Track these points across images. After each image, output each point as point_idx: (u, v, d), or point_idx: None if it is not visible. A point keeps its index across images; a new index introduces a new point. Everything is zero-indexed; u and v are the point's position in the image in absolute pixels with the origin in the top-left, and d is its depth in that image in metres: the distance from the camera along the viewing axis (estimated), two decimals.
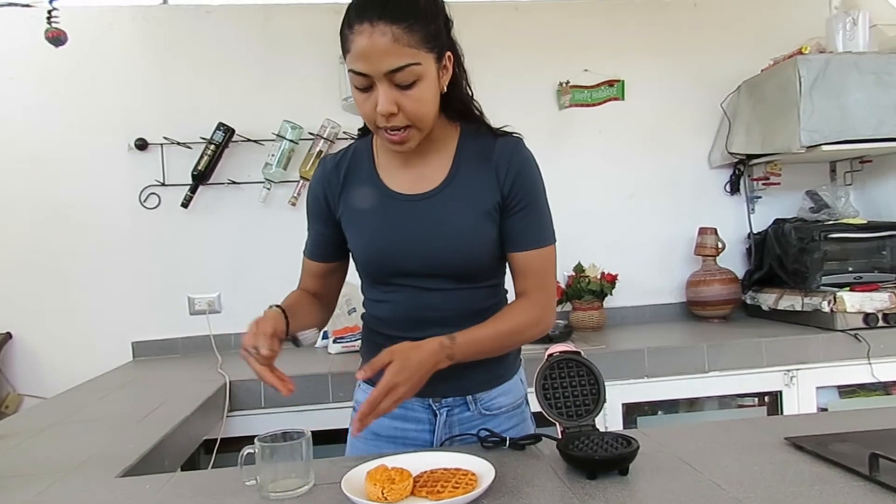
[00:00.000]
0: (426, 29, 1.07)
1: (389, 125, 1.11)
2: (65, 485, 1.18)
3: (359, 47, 1.05)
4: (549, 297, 1.26)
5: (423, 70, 1.08)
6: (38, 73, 2.66)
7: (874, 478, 0.94)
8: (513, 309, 1.23)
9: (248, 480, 1.04)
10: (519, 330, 1.22)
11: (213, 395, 1.97)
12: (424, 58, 1.08)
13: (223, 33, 2.79)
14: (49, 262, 2.68)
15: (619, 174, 2.96)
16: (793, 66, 2.46)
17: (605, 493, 0.96)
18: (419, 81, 1.09)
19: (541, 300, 1.24)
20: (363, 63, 1.06)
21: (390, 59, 1.05)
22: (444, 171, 1.23)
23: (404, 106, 1.09)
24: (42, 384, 2.63)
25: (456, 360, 1.14)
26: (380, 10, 1.04)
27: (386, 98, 1.07)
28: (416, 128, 1.13)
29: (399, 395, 1.05)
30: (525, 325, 1.22)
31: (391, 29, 1.04)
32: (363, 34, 1.04)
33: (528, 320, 1.22)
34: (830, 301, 2.40)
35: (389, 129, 1.12)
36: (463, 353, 1.15)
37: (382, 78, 1.07)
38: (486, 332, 1.18)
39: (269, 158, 2.71)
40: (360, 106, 1.13)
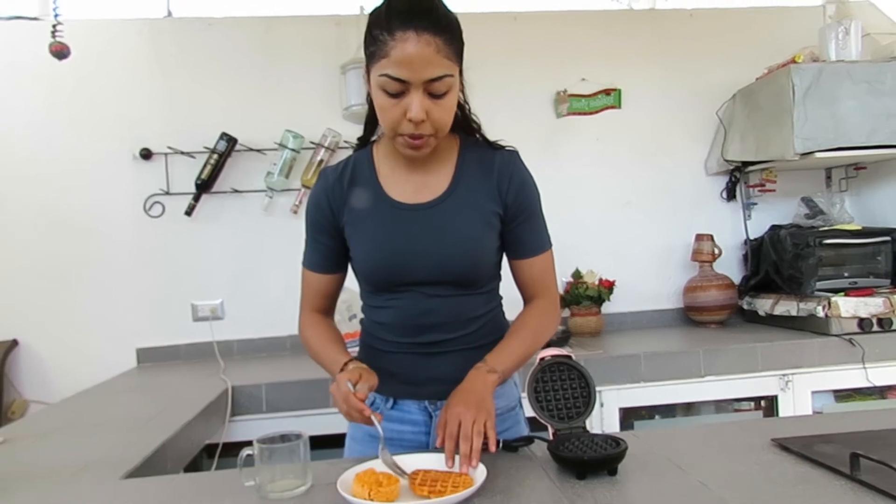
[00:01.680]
0: (458, 43, 1.14)
1: (416, 132, 1.14)
2: (69, 487, 1.22)
3: (402, 54, 1.07)
4: (555, 296, 1.36)
5: (454, 81, 1.14)
6: (44, 84, 2.71)
7: (855, 477, 0.96)
8: (530, 316, 1.32)
9: (247, 481, 1.07)
10: (540, 332, 1.30)
11: (215, 399, 2.00)
12: (455, 70, 1.14)
13: (226, 45, 2.83)
14: (55, 269, 2.72)
15: (616, 181, 2.99)
16: (786, 75, 2.49)
17: (593, 492, 0.99)
18: (449, 92, 1.14)
19: (550, 300, 1.33)
20: (405, 70, 1.08)
21: (432, 68, 1.09)
22: (447, 181, 1.27)
23: (433, 114, 1.13)
24: (47, 390, 2.67)
25: (499, 374, 1.20)
26: (426, 20, 1.08)
27: (419, 105, 1.11)
28: (436, 136, 1.18)
29: (470, 419, 1.08)
30: (544, 326, 1.31)
31: (435, 40, 1.08)
32: (408, 41, 1.07)
33: (545, 321, 1.32)
34: (825, 306, 2.42)
35: (413, 136, 1.15)
36: (505, 374, 1.22)
37: (420, 85, 1.10)
38: (517, 346, 1.26)
39: (271, 167, 2.75)
40: (385, 111, 1.14)
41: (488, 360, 1.21)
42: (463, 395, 1.14)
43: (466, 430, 1.06)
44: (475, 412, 1.09)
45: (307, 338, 1.34)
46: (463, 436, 1.06)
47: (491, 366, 1.20)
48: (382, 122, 1.18)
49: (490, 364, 1.20)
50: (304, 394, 2.16)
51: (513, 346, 1.26)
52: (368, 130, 1.35)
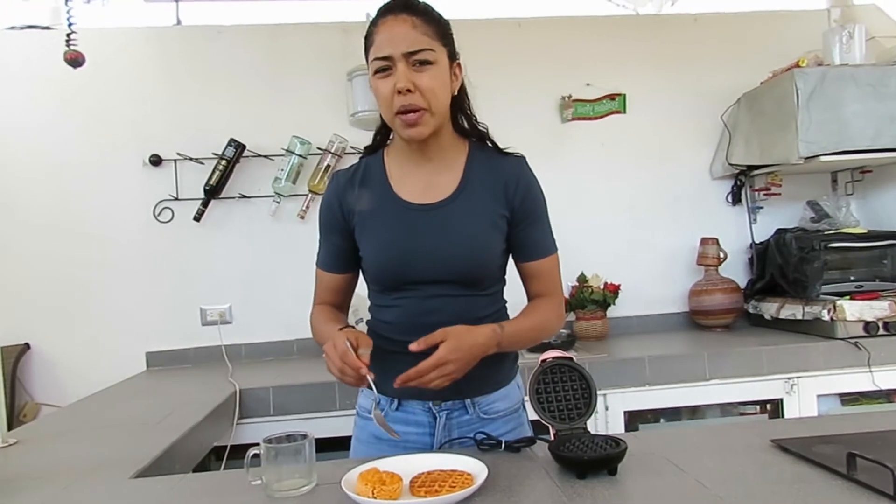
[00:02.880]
0: (438, 25, 1.24)
1: (406, 102, 1.20)
2: (81, 485, 1.24)
3: (382, 35, 1.20)
4: (561, 298, 1.40)
5: (437, 57, 1.22)
6: (57, 91, 2.76)
7: (851, 476, 0.98)
8: (539, 305, 1.36)
9: (253, 480, 1.09)
10: (547, 321, 1.35)
11: (223, 402, 2.03)
12: (438, 48, 1.22)
13: (234, 52, 2.87)
14: (66, 274, 2.76)
15: (621, 186, 3.00)
16: (790, 79, 2.50)
17: (592, 491, 1.00)
18: (433, 66, 1.21)
19: (556, 301, 1.37)
20: (386, 47, 1.19)
21: (409, 41, 1.19)
22: (455, 183, 1.30)
23: (420, 84, 1.20)
24: (59, 393, 2.70)
25: (501, 349, 1.25)
26: (402, 6, 1.22)
27: (404, 75, 1.19)
28: (430, 112, 1.22)
29: (448, 371, 1.14)
30: (551, 318, 1.36)
31: (411, 18, 1.20)
32: (386, 24, 1.21)
33: (552, 315, 1.36)
34: (831, 310, 2.42)
35: (405, 110, 1.20)
36: (509, 342, 1.27)
37: (401, 58, 1.19)
38: (525, 324, 1.31)
39: (279, 173, 2.79)
40: (379, 91, 1.23)
41: (503, 335, 1.24)
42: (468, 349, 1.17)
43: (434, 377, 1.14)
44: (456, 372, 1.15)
45: (313, 321, 1.39)
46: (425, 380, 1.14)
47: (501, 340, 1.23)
48: (380, 106, 1.25)
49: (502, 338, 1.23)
50: (310, 397, 2.18)
51: (524, 324, 1.31)
52: (377, 141, 1.40)
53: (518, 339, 1.30)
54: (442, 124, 1.28)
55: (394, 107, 1.21)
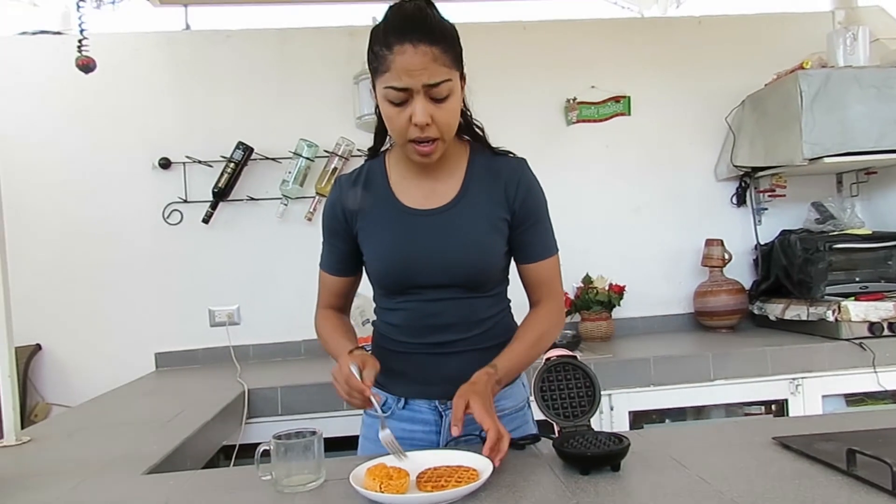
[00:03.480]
0: (455, 50, 1.19)
1: (422, 136, 1.19)
2: (94, 481, 1.27)
3: (401, 64, 1.14)
4: (561, 299, 1.41)
5: (454, 85, 1.19)
6: (68, 95, 2.80)
7: (851, 472, 0.99)
8: (535, 319, 1.35)
9: (263, 475, 1.11)
10: (544, 335, 1.33)
11: (232, 402, 2.05)
12: (454, 75, 1.19)
13: (242, 56, 2.91)
14: (77, 275, 2.80)
15: (626, 187, 3.02)
16: (794, 81, 2.52)
17: (596, 487, 1.02)
18: (451, 96, 1.19)
19: (555, 304, 1.37)
20: (405, 79, 1.14)
21: (430, 74, 1.15)
22: (456, 187, 1.32)
23: (437, 118, 1.18)
24: (69, 394, 2.73)
25: (503, 384, 1.25)
26: (420, 33, 1.14)
27: (422, 110, 1.16)
28: (443, 140, 1.22)
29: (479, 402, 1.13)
30: (548, 329, 1.34)
31: (431, 49, 1.14)
32: (405, 53, 1.13)
33: (549, 324, 1.35)
34: (835, 310, 2.43)
35: (420, 140, 1.20)
36: (507, 375, 1.26)
37: (420, 91, 1.15)
38: (521, 349, 1.30)
39: (286, 175, 2.82)
40: (392, 120, 1.20)
41: (499, 373, 1.24)
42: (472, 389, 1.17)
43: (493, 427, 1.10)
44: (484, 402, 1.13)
45: (319, 329, 1.41)
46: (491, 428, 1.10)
47: (499, 378, 1.23)
48: (391, 131, 1.24)
49: (499, 376, 1.23)
50: (318, 396, 2.20)
51: (517, 350, 1.29)
52: (378, 141, 1.40)
53: (518, 365, 1.29)
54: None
55: (407, 135, 1.20)
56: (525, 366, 1.33)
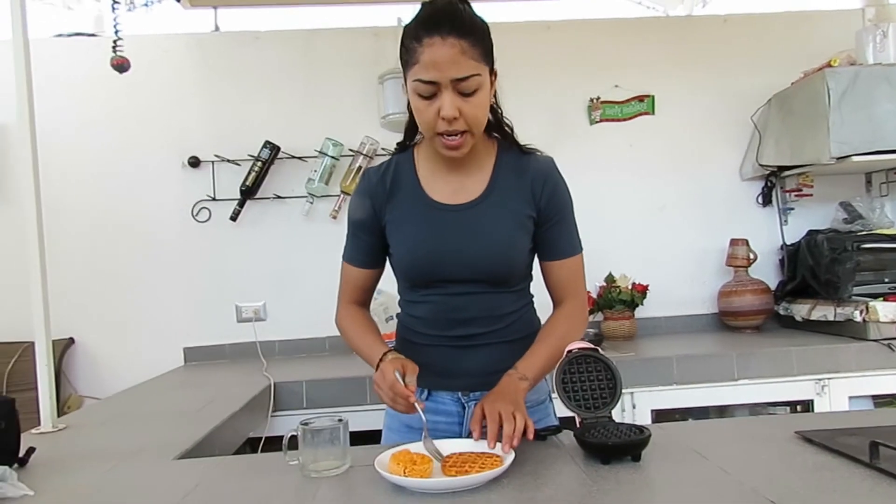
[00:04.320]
0: (484, 44, 1.20)
1: (450, 129, 1.21)
2: (127, 466, 1.31)
3: (429, 57, 1.15)
4: (584, 298, 1.42)
5: (483, 80, 1.20)
6: (101, 96, 2.88)
7: (874, 465, 0.99)
8: (556, 319, 1.37)
9: (291, 461, 1.14)
10: (566, 335, 1.33)
11: (258, 394, 2.10)
12: (483, 70, 1.20)
13: (269, 57, 2.96)
14: (109, 271, 2.88)
15: (650, 187, 3.01)
16: (821, 79, 2.49)
17: (616, 476, 1.03)
18: (479, 90, 1.20)
19: (578, 304, 1.39)
20: (433, 72, 1.16)
21: (458, 68, 1.16)
22: (484, 183, 1.33)
23: (465, 112, 1.20)
24: (101, 386, 2.81)
25: (529, 381, 1.26)
26: (450, 26, 1.15)
27: (451, 103, 1.18)
28: (471, 133, 1.24)
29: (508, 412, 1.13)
30: (572, 329, 1.35)
31: (460, 42, 1.15)
32: (434, 46, 1.15)
33: (572, 324, 1.36)
34: (863, 311, 2.40)
35: (448, 133, 1.22)
36: (531, 374, 1.26)
37: (449, 85, 1.17)
38: (542, 349, 1.31)
39: (312, 174, 2.86)
40: (421, 113, 1.22)
41: (519, 368, 1.26)
42: (498, 394, 1.20)
43: (508, 416, 1.12)
44: (513, 406, 1.15)
45: (345, 327, 1.42)
46: (506, 419, 1.12)
47: (522, 373, 1.25)
48: (420, 124, 1.25)
49: (521, 371, 1.26)
50: (342, 391, 2.24)
51: (542, 352, 1.31)
52: (408, 136, 1.41)
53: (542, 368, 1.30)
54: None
55: (436, 129, 1.22)
56: (550, 367, 1.33)
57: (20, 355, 2.70)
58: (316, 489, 1.05)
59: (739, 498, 0.92)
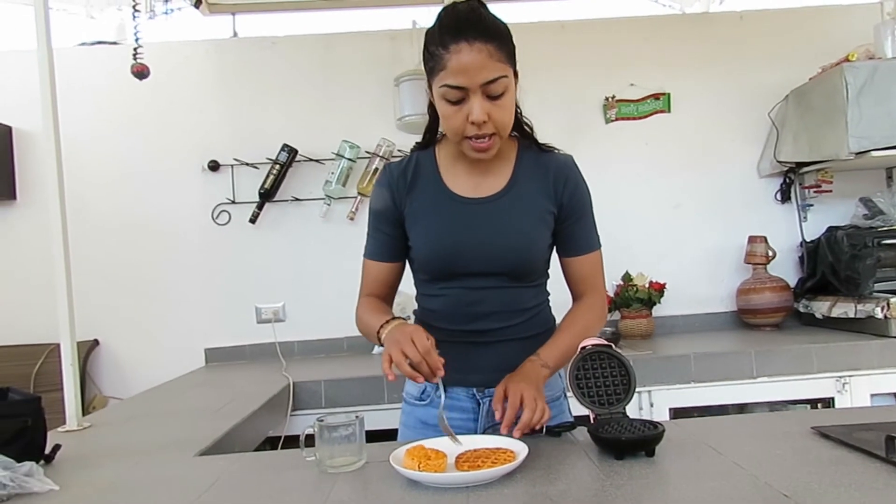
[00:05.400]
0: (508, 47, 1.22)
1: (480, 133, 1.22)
2: (149, 462, 1.35)
3: (457, 63, 1.17)
4: (603, 294, 1.44)
5: (509, 82, 1.22)
6: (123, 102, 2.94)
7: (890, 459, 0.98)
8: (577, 311, 1.39)
9: (308, 456, 1.17)
10: (588, 327, 1.36)
11: (277, 393, 2.13)
12: (509, 71, 1.21)
13: (287, 62, 3.00)
14: (131, 274, 2.93)
15: (666, 184, 3.00)
16: (839, 74, 2.47)
17: (630, 470, 1.04)
18: (506, 93, 1.21)
19: (598, 299, 1.41)
20: (462, 77, 1.17)
21: (486, 72, 1.17)
22: (505, 179, 1.35)
23: (494, 115, 1.21)
24: (124, 387, 2.86)
25: (550, 369, 1.28)
26: (475, 31, 1.17)
27: (480, 108, 1.19)
28: (499, 135, 1.25)
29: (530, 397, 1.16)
30: (592, 321, 1.38)
31: (486, 47, 1.17)
32: (461, 52, 1.16)
33: (593, 317, 1.39)
34: (884, 307, 2.38)
35: (477, 137, 1.23)
36: (553, 361, 1.29)
37: (477, 89, 1.18)
38: (564, 338, 1.33)
39: (329, 176, 2.89)
40: (449, 119, 1.23)
41: (541, 355, 1.28)
42: (521, 377, 1.22)
43: (531, 401, 1.15)
44: (535, 391, 1.18)
45: (359, 313, 1.40)
46: (528, 405, 1.14)
47: (544, 360, 1.27)
48: (448, 129, 1.26)
49: (543, 359, 1.28)
50: (360, 390, 2.27)
51: (563, 341, 1.33)
52: (427, 138, 1.43)
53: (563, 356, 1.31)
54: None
55: (465, 133, 1.23)
56: (570, 356, 1.32)
57: (46, 357, 2.77)
58: (332, 484, 1.07)
59: (754, 492, 0.92)
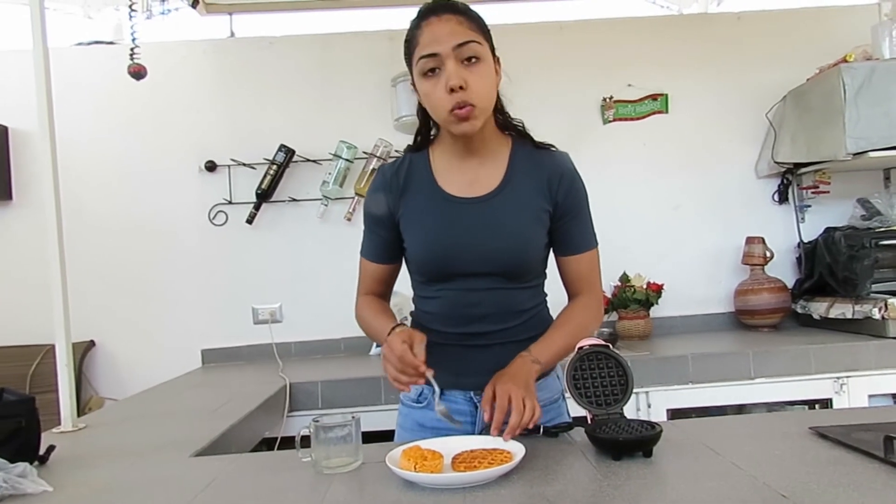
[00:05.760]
0: (480, 22, 1.26)
1: (459, 99, 1.21)
2: (145, 462, 1.34)
3: (428, 34, 1.22)
4: (600, 293, 1.42)
5: (483, 52, 1.24)
6: (120, 102, 2.93)
7: (889, 459, 0.98)
8: (572, 309, 1.38)
9: (304, 458, 1.16)
10: (582, 326, 1.35)
11: (274, 394, 2.12)
12: (482, 41, 1.24)
13: (284, 62, 3.00)
14: (128, 274, 2.92)
15: (664, 186, 3.00)
16: (837, 74, 2.47)
17: (628, 471, 1.03)
18: (480, 61, 1.23)
19: (594, 297, 1.39)
20: (433, 45, 1.21)
21: (456, 36, 1.21)
22: (499, 177, 1.34)
23: (470, 81, 1.21)
24: (121, 388, 2.85)
25: (541, 365, 1.26)
26: (444, 8, 1.24)
27: (455, 72, 1.20)
28: (479, 107, 1.24)
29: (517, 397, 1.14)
30: (587, 320, 1.37)
31: (455, 17, 1.23)
32: (431, 24, 1.22)
33: (588, 316, 1.37)
34: (882, 308, 2.38)
35: (457, 107, 1.22)
36: (545, 357, 1.27)
37: (450, 53, 1.20)
38: (557, 335, 1.32)
39: (327, 177, 2.89)
40: (429, 96, 1.25)
41: (532, 351, 1.27)
42: (510, 375, 1.20)
43: (518, 403, 1.13)
44: (524, 390, 1.16)
45: (360, 314, 1.42)
46: (515, 408, 1.13)
47: (535, 356, 1.26)
48: (431, 109, 1.27)
49: (534, 354, 1.26)
50: (357, 391, 2.26)
51: (555, 338, 1.31)
52: (419, 140, 1.42)
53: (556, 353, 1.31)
54: (488, 119, 1.31)
55: (447, 105, 1.22)
56: (563, 354, 1.33)
57: (42, 358, 2.75)
58: (328, 485, 1.06)
59: (752, 492, 0.92)
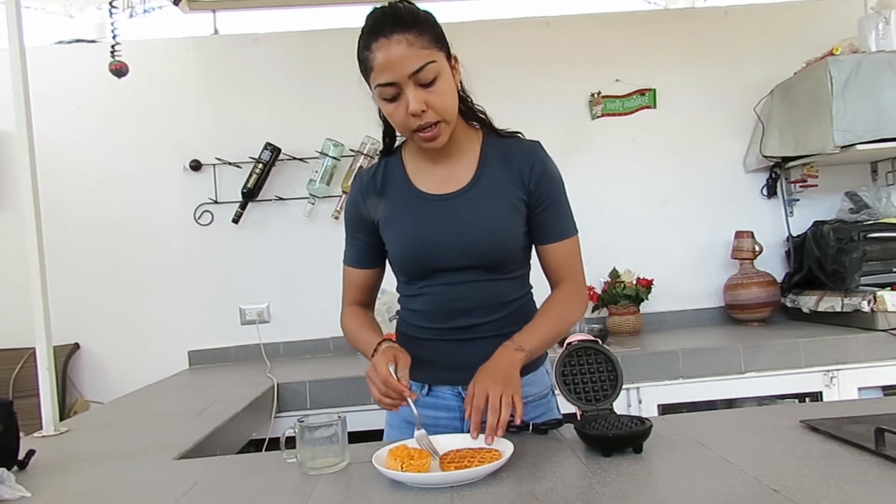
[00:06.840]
0: (432, 31, 1.20)
1: (422, 122, 1.21)
2: (127, 465, 1.31)
3: (381, 60, 1.16)
4: (582, 280, 1.39)
5: (439, 67, 1.19)
6: (103, 101, 2.89)
7: (880, 451, 0.97)
8: (555, 297, 1.35)
9: (289, 458, 1.14)
10: (567, 314, 1.33)
11: (261, 395, 2.09)
12: (437, 55, 1.19)
13: (269, 59, 2.97)
14: (112, 276, 2.88)
15: (653, 181, 2.99)
16: (824, 68, 2.47)
17: (618, 468, 1.02)
18: (438, 78, 1.19)
19: (576, 285, 1.37)
20: (388, 73, 1.16)
21: (410, 61, 1.16)
22: (471, 172, 1.33)
23: (432, 102, 1.19)
24: (106, 391, 2.81)
25: (526, 352, 1.23)
26: (391, 24, 1.17)
27: (415, 98, 1.18)
28: (445, 121, 1.23)
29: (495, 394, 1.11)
30: (572, 307, 1.34)
31: (405, 37, 1.16)
32: (381, 48, 1.16)
33: (571, 304, 1.35)
34: (871, 301, 2.38)
35: (422, 127, 1.21)
36: (528, 345, 1.24)
37: (408, 80, 1.17)
38: (541, 324, 1.30)
39: (313, 175, 2.86)
40: (393, 116, 1.23)
41: (515, 339, 1.25)
42: (490, 370, 1.18)
43: (494, 402, 1.10)
44: (503, 386, 1.13)
45: (346, 327, 1.42)
46: (491, 408, 1.10)
47: (518, 344, 1.23)
48: (395, 126, 1.27)
49: (517, 342, 1.24)
50: (345, 391, 2.24)
51: (539, 326, 1.29)
52: (387, 143, 1.42)
53: (544, 345, 1.29)
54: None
55: (410, 127, 1.22)
56: (549, 341, 1.31)
57: (25, 361, 2.71)
58: (314, 486, 1.04)
59: (742, 487, 0.90)
